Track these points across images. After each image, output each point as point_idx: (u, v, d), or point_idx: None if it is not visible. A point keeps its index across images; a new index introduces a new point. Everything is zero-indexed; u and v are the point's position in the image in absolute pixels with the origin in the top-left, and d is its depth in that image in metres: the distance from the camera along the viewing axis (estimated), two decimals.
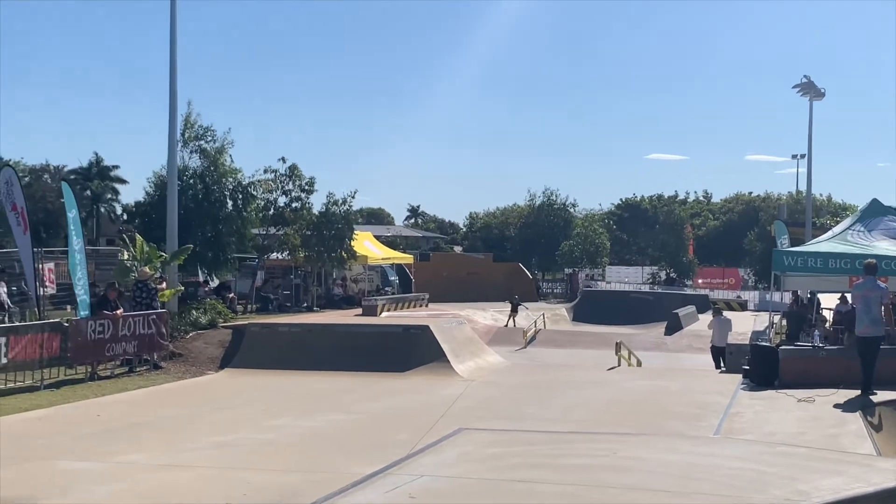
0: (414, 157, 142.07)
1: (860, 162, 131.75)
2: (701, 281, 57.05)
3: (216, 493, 7.82)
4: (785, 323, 21.08)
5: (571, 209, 59.35)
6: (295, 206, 30.88)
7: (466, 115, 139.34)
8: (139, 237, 20.36)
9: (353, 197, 32.17)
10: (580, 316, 37.60)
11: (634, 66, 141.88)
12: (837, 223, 25.49)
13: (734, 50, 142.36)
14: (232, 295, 28.66)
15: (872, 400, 12.55)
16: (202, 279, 29.58)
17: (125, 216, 39.09)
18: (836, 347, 15.90)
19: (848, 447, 9.81)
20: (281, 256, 33.62)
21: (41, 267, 21.60)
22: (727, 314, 23.56)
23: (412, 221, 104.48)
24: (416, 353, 16.73)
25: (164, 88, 23.13)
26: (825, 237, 18.37)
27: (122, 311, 16.41)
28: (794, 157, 55.93)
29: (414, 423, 11.14)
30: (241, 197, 27.86)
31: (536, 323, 31.67)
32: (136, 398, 13.78)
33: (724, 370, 18.05)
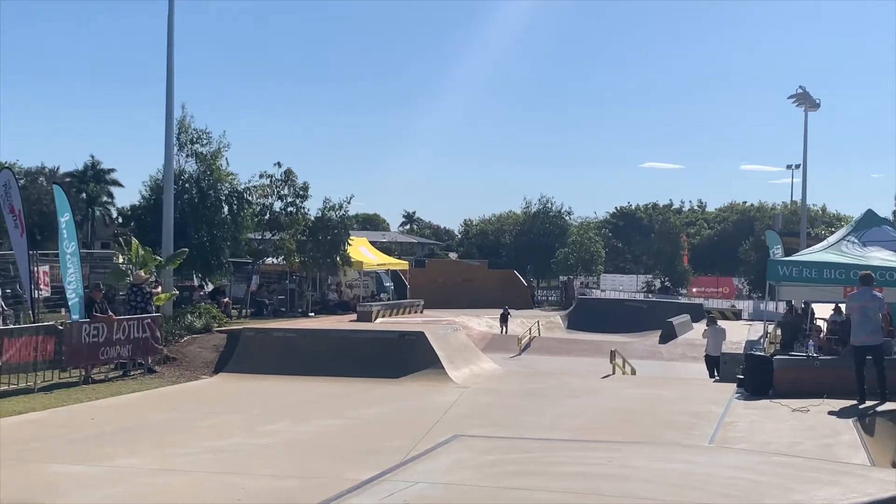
0: (410, 163, 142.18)
1: (855, 173, 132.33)
2: (695, 290, 57.27)
3: (210, 497, 7.79)
4: (779, 332, 21.08)
5: (567, 217, 59.51)
6: (290, 210, 30.92)
7: (462, 122, 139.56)
8: (135, 241, 20.35)
9: (348, 202, 32.35)
10: (575, 324, 37.72)
11: (630, 74, 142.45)
12: (832, 233, 25.50)
13: (730, 59, 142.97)
14: (227, 299, 28.68)
15: (866, 410, 12.55)
16: (197, 283, 29.57)
17: (120, 220, 38.97)
18: (830, 357, 15.89)
19: (842, 457, 9.78)
20: (276, 261, 33.68)
21: (36, 270, 21.52)
22: (721, 323, 23.59)
23: (407, 228, 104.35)
24: (411, 359, 16.68)
25: (161, 92, 23.17)
26: (819, 247, 18.37)
27: (112, 314, 16.37)
28: (788, 167, 55.96)
29: (409, 429, 11.10)
30: (236, 201, 27.89)
31: (531, 330, 31.75)
32: (130, 402, 13.71)
33: (718, 379, 18.07)
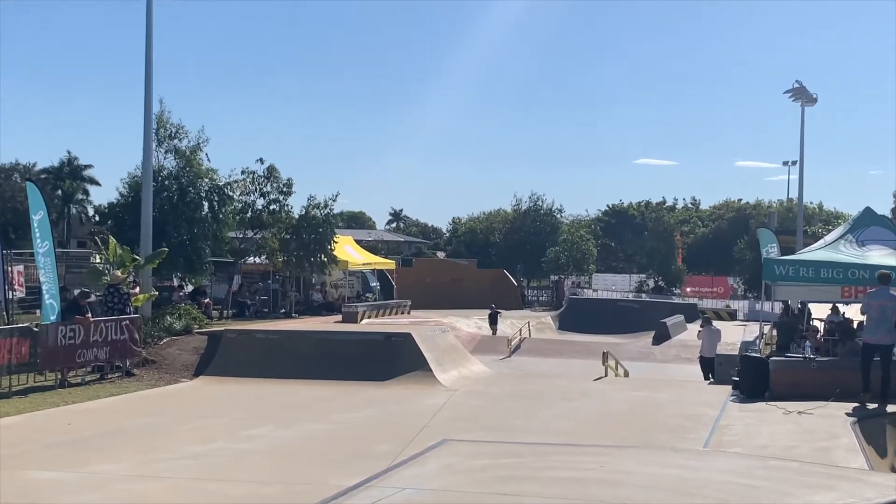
0: (397, 160, 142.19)
1: (852, 169, 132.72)
2: (689, 289, 56.86)
3: None
4: (775, 333, 20.84)
5: (558, 215, 59.05)
6: (273, 208, 30.41)
7: (451, 118, 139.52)
8: (112, 239, 19.92)
9: (334, 200, 31.80)
10: (566, 324, 37.39)
11: (623, 70, 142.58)
12: (829, 231, 25.24)
13: (725, 54, 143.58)
14: (207, 300, 28.29)
15: (865, 413, 12.39)
16: (177, 284, 29.14)
17: (97, 217, 38.29)
18: (828, 359, 15.68)
19: (840, 461, 9.64)
20: (258, 260, 33.20)
21: (10, 270, 21.10)
22: (716, 324, 23.43)
23: (394, 226, 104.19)
24: (397, 361, 16.44)
25: (139, 87, 22.77)
26: (817, 246, 18.18)
27: (90, 315, 15.97)
28: (785, 163, 55.15)
29: (396, 433, 10.94)
30: (217, 199, 27.37)
31: (521, 331, 31.46)
32: (107, 406, 13.47)
33: (713, 381, 17.86)
